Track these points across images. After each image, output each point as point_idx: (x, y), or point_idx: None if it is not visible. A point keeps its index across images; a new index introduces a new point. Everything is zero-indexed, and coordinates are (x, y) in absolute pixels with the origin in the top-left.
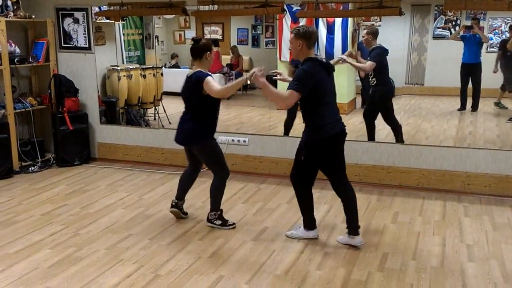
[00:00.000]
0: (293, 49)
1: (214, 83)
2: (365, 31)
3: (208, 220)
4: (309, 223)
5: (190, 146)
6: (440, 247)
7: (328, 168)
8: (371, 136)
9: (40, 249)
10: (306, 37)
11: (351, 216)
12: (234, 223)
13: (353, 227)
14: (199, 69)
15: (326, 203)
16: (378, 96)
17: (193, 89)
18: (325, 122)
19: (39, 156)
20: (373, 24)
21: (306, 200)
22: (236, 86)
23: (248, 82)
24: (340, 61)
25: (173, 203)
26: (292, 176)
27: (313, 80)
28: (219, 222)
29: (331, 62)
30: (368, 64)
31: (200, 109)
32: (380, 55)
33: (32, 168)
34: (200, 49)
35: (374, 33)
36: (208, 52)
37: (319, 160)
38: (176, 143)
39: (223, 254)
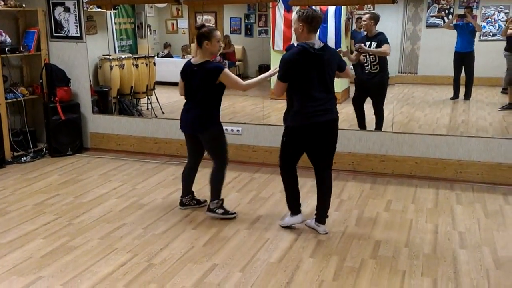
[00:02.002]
0: (295, 31)
1: (234, 75)
2: (367, 15)
3: (210, 210)
4: (293, 208)
5: (200, 133)
6: (432, 235)
7: (310, 155)
8: (363, 124)
9: (33, 239)
10: (308, 21)
11: (324, 205)
12: (235, 213)
13: (321, 216)
14: (206, 59)
15: (314, 192)
16: (381, 83)
17: (205, 79)
18: (308, 110)
19: (31, 146)
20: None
21: (287, 183)
22: (260, 82)
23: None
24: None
25: (181, 202)
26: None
27: (293, 68)
28: (221, 211)
29: (352, 56)
30: (387, 47)
31: (209, 98)
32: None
33: (25, 158)
34: (198, 36)
35: (376, 19)
36: (206, 41)
37: (299, 145)
38: (183, 132)
39: (217, 243)
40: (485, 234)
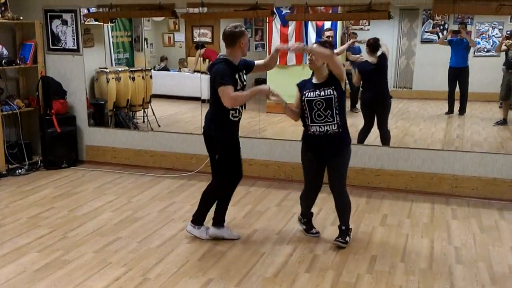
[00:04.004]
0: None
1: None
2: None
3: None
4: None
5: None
6: (428, 249)
7: None
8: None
9: (27, 252)
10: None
11: (221, 211)
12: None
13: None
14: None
15: (316, 205)
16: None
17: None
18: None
19: (26, 159)
20: (361, 29)
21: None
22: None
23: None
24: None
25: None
26: None
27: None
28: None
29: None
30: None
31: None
32: None
33: (19, 170)
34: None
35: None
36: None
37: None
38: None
39: (212, 257)
40: (480, 249)
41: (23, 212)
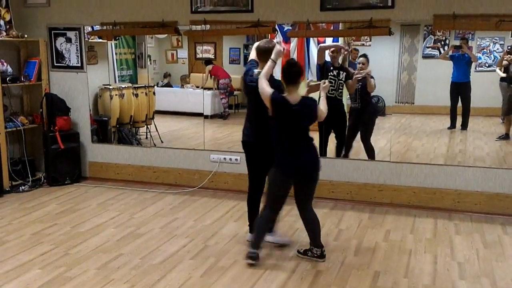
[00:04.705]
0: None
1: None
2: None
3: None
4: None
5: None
6: (431, 265)
7: None
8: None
9: (30, 269)
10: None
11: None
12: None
13: None
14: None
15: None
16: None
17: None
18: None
19: (29, 175)
20: (363, 44)
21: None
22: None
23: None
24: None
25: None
26: None
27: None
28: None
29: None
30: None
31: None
32: None
33: (23, 187)
34: (299, 73)
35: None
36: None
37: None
38: None
39: (215, 273)
40: (484, 264)
41: (26, 229)
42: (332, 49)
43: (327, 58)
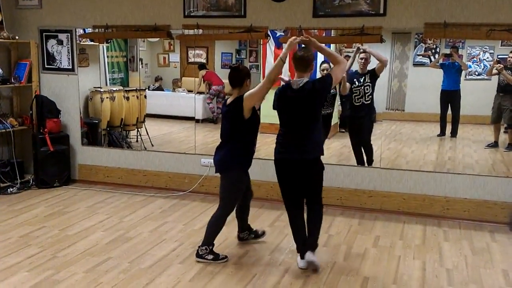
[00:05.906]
0: None
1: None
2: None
3: (198, 256)
4: (298, 249)
5: (220, 172)
6: (420, 271)
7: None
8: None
9: (17, 272)
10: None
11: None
12: (226, 256)
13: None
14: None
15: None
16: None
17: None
18: (277, 142)
19: (18, 178)
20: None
21: (290, 223)
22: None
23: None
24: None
25: (239, 237)
26: None
27: (276, 100)
28: (211, 256)
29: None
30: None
31: (238, 136)
32: None
33: (11, 189)
34: (241, 76)
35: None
36: (249, 79)
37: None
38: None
39: (204, 278)
40: (472, 271)
41: (13, 231)
42: (361, 55)
43: (354, 68)
